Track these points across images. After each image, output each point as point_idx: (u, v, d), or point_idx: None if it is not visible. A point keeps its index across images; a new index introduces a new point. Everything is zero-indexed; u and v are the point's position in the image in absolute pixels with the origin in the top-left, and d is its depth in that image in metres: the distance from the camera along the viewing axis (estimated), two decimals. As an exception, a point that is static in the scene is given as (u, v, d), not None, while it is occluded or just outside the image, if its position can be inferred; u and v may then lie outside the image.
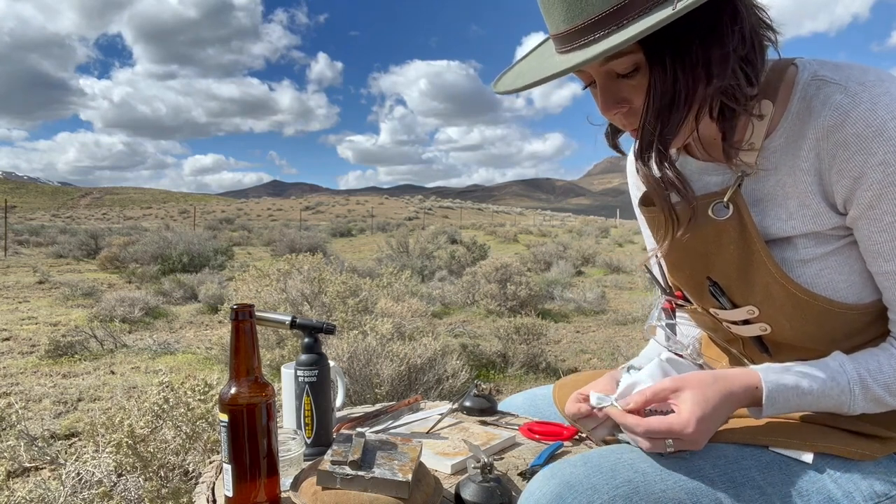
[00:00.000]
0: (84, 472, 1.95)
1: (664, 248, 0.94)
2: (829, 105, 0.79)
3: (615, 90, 0.84)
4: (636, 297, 7.91)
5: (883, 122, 0.76)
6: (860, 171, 0.78)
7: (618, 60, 0.80)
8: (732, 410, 0.85)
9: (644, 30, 0.71)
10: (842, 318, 0.87)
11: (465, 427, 1.23)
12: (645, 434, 0.83)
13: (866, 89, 0.78)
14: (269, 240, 18.91)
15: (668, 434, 0.81)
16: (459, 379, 3.30)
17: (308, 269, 4.62)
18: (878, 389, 0.83)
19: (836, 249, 0.86)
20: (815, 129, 0.81)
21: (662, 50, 0.78)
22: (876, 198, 0.79)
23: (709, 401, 0.82)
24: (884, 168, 0.77)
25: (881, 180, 0.77)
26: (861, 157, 0.78)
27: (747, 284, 0.89)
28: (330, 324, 1.18)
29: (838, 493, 0.83)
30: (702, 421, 0.80)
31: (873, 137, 0.76)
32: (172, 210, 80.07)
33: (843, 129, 0.78)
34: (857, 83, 0.79)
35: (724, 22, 0.78)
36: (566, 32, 0.80)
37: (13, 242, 16.87)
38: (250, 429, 0.89)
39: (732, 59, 0.79)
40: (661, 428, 0.81)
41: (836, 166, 0.80)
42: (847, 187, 0.81)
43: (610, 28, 0.76)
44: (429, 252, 11.57)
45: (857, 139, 0.77)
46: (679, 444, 0.82)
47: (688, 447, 0.82)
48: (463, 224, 39.07)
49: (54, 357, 4.64)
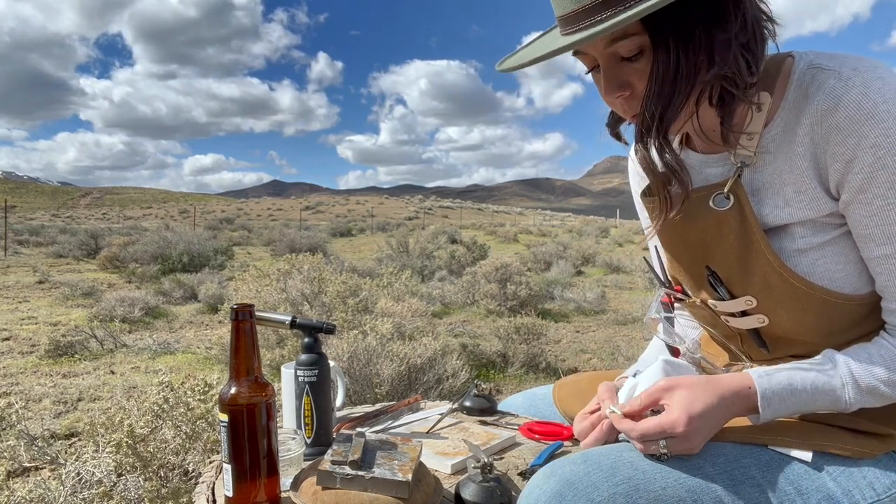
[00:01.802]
0: (84, 472, 1.95)
1: (657, 229, 0.96)
2: (824, 90, 0.80)
3: (619, 73, 0.85)
4: (636, 296, 7.91)
5: (875, 105, 0.77)
6: (852, 153, 0.79)
7: (622, 42, 0.82)
8: (727, 414, 0.85)
9: (650, 5, 0.74)
10: (839, 310, 0.87)
11: (465, 427, 1.23)
12: (640, 437, 0.83)
13: (859, 74, 0.79)
14: (269, 240, 18.91)
15: (660, 433, 0.82)
16: (459, 379, 3.30)
17: (308, 269, 4.62)
18: (871, 381, 0.83)
19: (833, 239, 0.86)
20: (810, 113, 0.82)
21: (667, 32, 0.79)
22: (866, 181, 0.79)
23: (699, 399, 0.82)
24: (875, 151, 0.78)
25: (872, 163, 0.78)
26: (853, 140, 0.79)
27: (746, 274, 0.90)
28: (330, 324, 1.18)
29: (838, 492, 0.83)
30: (692, 419, 0.81)
31: (865, 120, 0.78)
32: (172, 210, 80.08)
33: (836, 112, 0.79)
34: (851, 69, 0.80)
35: (728, 8, 0.80)
36: (574, 13, 0.82)
37: (13, 242, 16.87)
38: (250, 429, 0.89)
39: (734, 46, 0.80)
40: (653, 427, 0.82)
41: (829, 150, 0.81)
42: (839, 171, 0.81)
43: (617, 9, 0.78)
44: (429, 252, 11.57)
45: (850, 122, 0.78)
46: (673, 445, 0.82)
47: (683, 449, 0.82)
48: (463, 224, 39.07)
49: (54, 357, 4.64)
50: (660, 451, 0.82)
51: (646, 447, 0.83)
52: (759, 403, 0.84)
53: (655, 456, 0.83)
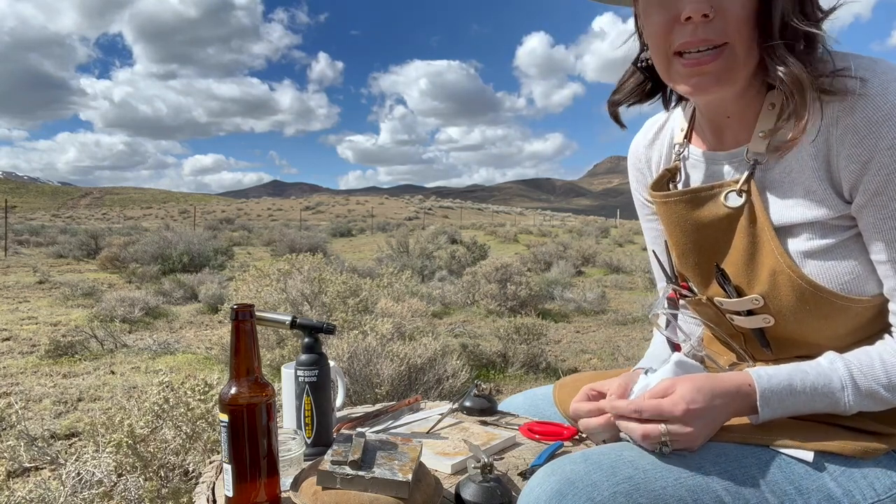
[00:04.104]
0: (84, 472, 1.95)
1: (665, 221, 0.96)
2: (839, 91, 0.80)
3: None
4: (636, 297, 7.91)
5: (892, 106, 0.77)
6: (869, 155, 0.79)
7: None
8: (726, 410, 0.84)
9: None
10: (845, 312, 0.87)
11: (465, 427, 1.23)
12: (635, 411, 0.83)
13: (876, 76, 0.79)
14: (270, 240, 18.91)
15: (658, 414, 0.81)
16: (459, 379, 3.30)
17: (308, 269, 4.62)
18: (871, 384, 0.83)
19: (841, 242, 0.86)
20: (825, 114, 0.81)
21: None
22: (883, 183, 0.79)
23: (700, 390, 0.82)
24: (892, 153, 0.78)
25: (889, 165, 0.78)
26: (870, 142, 0.78)
27: (754, 273, 0.90)
28: (330, 324, 1.18)
29: (838, 492, 0.83)
30: (692, 406, 0.81)
31: (883, 122, 0.77)
32: (172, 210, 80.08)
33: (852, 114, 0.79)
34: (867, 70, 0.80)
35: None
36: None
37: (13, 242, 16.87)
38: (250, 429, 0.89)
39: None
40: (651, 407, 0.82)
41: (844, 151, 0.81)
42: (855, 173, 0.81)
43: None
44: (429, 252, 11.57)
45: (867, 124, 0.78)
46: (674, 435, 0.81)
47: (683, 440, 0.82)
48: (463, 224, 39.07)
49: (54, 357, 4.64)
50: (661, 440, 0.82)
51: (647, 434, 0.82)
52: (758, 402, 0.83)
53: (657, 450, 0.83)
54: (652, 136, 1.12)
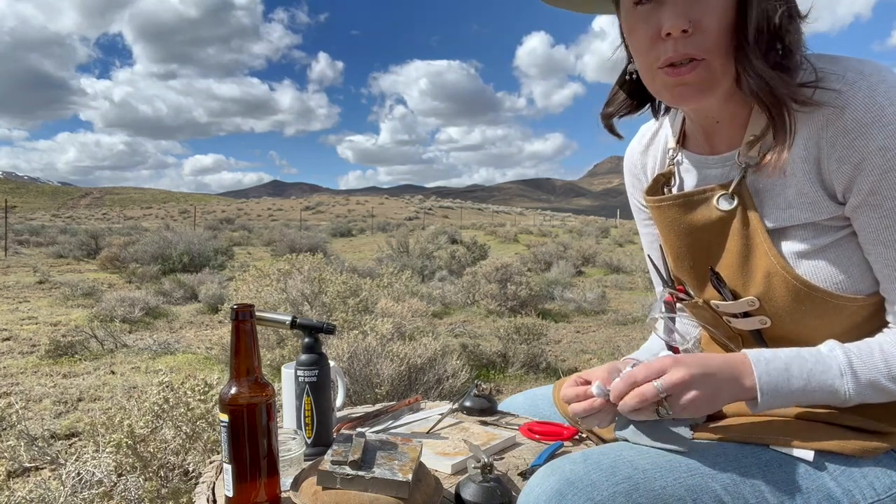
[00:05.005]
0: (84, 472, 1.95)
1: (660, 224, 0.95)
2: (829, 94, 0.80)
3: (690, 3, 0.82)
4: (636, 297, 7.91)
5: (881, 107, 0.77)
6: (861, 156, 0.79)
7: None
8: (725, 385, 0.82)
9: None
10: (840, 311, 0.87)
11: (465, 427, 1.23)
12: (628, 381, 0.82)
13: (864, 77, 0.79)
14: (270, 240, 18.91)
15: (654, 373, 0.81)
16: (459, 379, 3.30)
17: (308, 269, 4.62)
18: (871, 373, 0.82)
19: (835, 242, 0.86)
20: (815, 118, 0.82)
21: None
22: (876, 183, 0.79)
23: (698, 360, 0.82)
24: (883, 153, 0.78)
25: (881, 165, 0.78)
26: (861, 143, 0.79)
27: (749, 275, 0.90)
28: (330, 324, 1.18)
29: (838, 491, 0.83)
30: (690, 371, 0.80)
31: (872, 123, 0.78)
32: (172, 210, 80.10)
33: (842, 116, 0.79)
34: (855, 72, 0.80)
35: None
36: None
37: (13, 242, 16.87)
38: (250, 429, 0.89)
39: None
40: (644, 371, 0.82)
41: (835, 154, 0.81)
42: (847, 174, 0.81)
43: None
44: (429, 252, 11.57)
45: (857, 125, 0.79)
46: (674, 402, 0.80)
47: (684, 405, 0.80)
48: (463, 224, 39.07)
49: (54, 357, 4.64)
50: (658, 400, 0.80)
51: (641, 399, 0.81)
52: (757, 383, 0.82)
53: (657, 415, 0.82)
54: (647, 142, 1.13)
